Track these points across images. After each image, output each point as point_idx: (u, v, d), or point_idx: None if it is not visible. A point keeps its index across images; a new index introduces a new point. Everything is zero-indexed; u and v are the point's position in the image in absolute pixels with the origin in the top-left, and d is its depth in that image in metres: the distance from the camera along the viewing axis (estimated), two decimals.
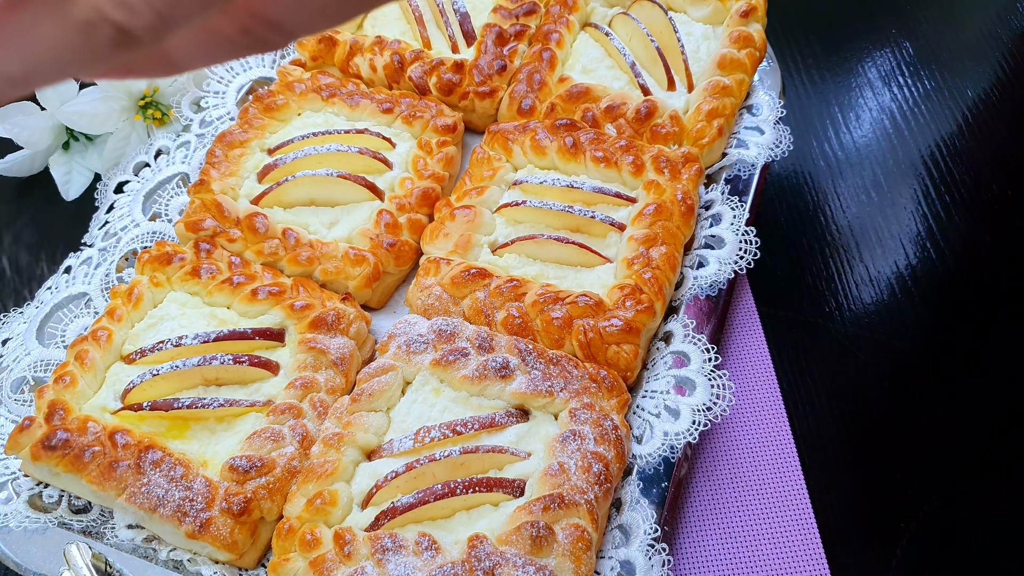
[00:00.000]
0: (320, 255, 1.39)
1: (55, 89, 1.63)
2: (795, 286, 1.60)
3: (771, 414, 1.42)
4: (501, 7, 1.68)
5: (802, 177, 1.76)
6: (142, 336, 1.30)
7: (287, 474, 1.17)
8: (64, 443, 1.16)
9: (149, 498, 1.12)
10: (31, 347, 1.33)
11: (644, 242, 1.33)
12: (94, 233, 1.49)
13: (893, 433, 1.41)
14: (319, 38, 1.66)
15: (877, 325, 1.54)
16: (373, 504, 1.14)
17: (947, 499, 1.35)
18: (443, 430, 1.17)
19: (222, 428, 1.22)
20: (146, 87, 1.66)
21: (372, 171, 1.48)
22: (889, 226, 1.68)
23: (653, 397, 1.25)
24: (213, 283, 1.34)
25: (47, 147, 1.71)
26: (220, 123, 1.61)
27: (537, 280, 1.34)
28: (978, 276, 1.61)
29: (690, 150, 1.46)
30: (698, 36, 1.62)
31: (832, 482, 1.36)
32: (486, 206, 1.43)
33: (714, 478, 1.35)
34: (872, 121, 1.85)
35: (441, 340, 1.26)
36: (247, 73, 1.70)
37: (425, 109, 1.56)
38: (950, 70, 1.94)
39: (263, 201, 1.45)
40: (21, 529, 1.16)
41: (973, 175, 1.76)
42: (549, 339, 1.29)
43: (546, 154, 1.47)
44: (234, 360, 1.23)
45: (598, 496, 1.11)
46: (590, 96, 1.53)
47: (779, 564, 1.27)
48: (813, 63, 1.96)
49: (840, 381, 1.47)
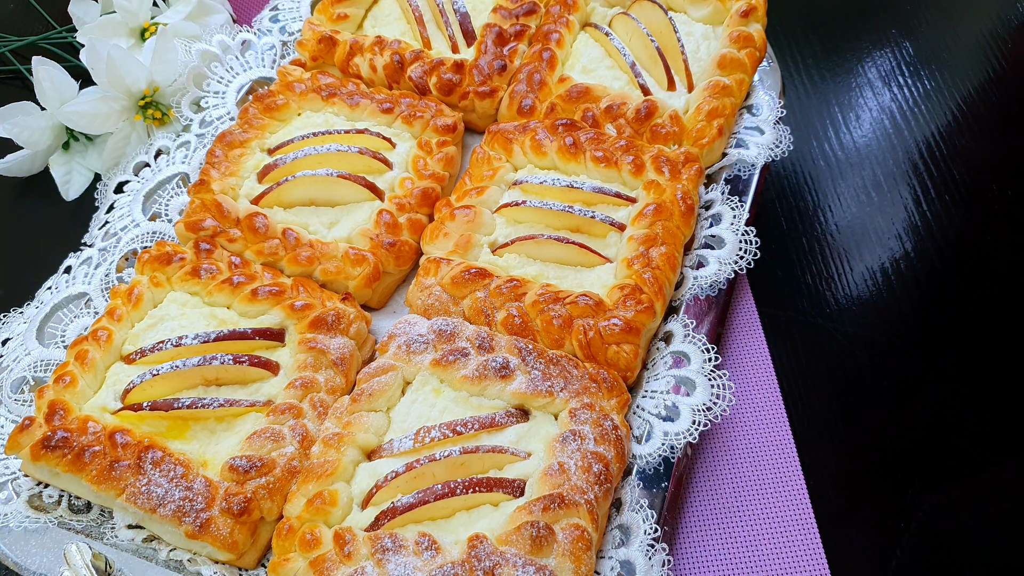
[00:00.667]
0: (320, 255, 1.39)
1: (55, 89, 1.63)
2: (795, 286, 1.60)
3: (771, 414, 1.42)
4: (501, 7, 1.68)
5: (802, 177, 1.76)
6: (142, 336, 1.30)
7: (287, 474, 1.17)
8: (64, 443, 1.16)
9: (149, 498, 1.12)
10: (31, 347, 1.33)
11: (644, 242, 1.33)
12: (94, 233, 1.50)
13: (893, 433, 1.42)
14: (319, 38, 1.66)
15: (877, 325, 1.54)
16: (373, 504, 1.14)
17: (947, 499, 1.35)
18: (443, 430, 1.17)
19: (222, 428, 1.22)
20: (146, 87, 1.66)
21: (372, 171, 1.48)
22: (889, 226, 1.68)
23: (653, 397, 1.25)
24: (213, 283, 1.34)
25: (47, 147, 1.71)
26: (220, 123, 1.61)
27: (537, 280, 1.34)
28: (978, 276, 1.61)
29: (690, 150, 1.46)
30: (698, 36, 1.62)
31: (832, 482, 1.36)
32: (486, 206, 1.43)
33: (714, 478, 1.35)
34: (872, 121, 1.85)
35: (441, 340, 1.26)
36: (247, 73, 1.70)
37: (425, 109, 1.56)
38: (950, 70, 1.94)
39: (263, 201, 1.45)
40: (21, 529, 1.16)
41: (973, 175, 1.76)
42: (549, 339, 1.29)
43: (546, 154, 1.47)
44: (234, 360, 1.24)
45: (598, 496, 1.11)
46: (590, 96, 1.53)
47: (779, 564, 1.27)
48: (813, 63, 1.96)
49: (840, 381, 1.47)
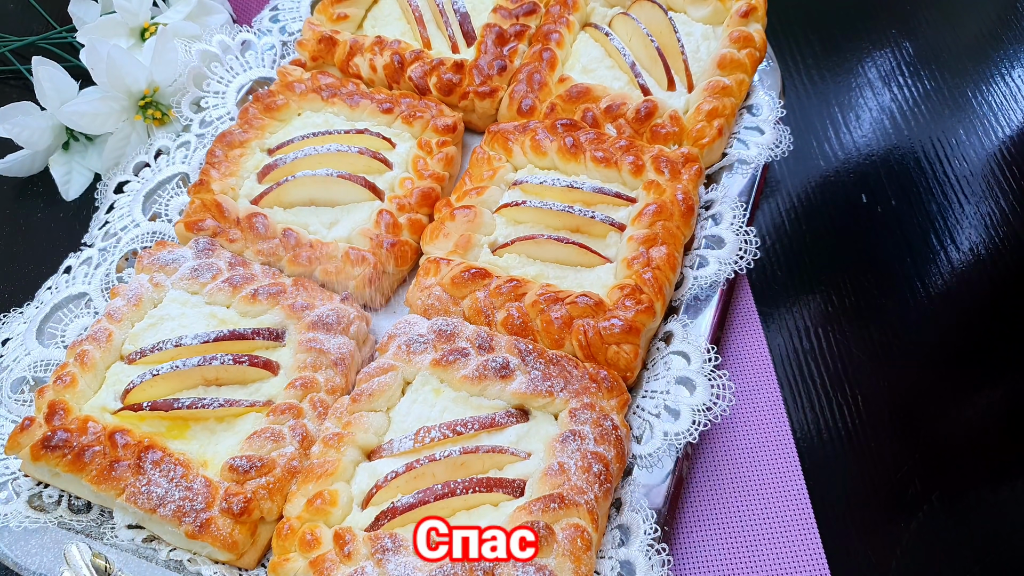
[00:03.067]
0: (320, 255, 1.39)
1: (55, 89, 1.63)
2: (795, 286, 1.60)
3: (771, 414, 1.42)
4: (501, 7, 1.68)
5: (802, 177, 1.76)
6: (142, 336, 1.30)
7: (287, 474, 1.17)
8: (64, 443, 1.16)
9: (149, 498, 1.12)
10: (31, 347, 1.33)
11: (644, 242, 1.33)
12: (94, 233, 1.49)
13: (893, 433, 1.42)
14: (319, 38, 1.66)
15: (877, 325, 1.54)
16: (373, 504, 1.14)
17: (947, 499, 1.35)
18: (443, 430, 1.17)
19: (222, 428, 1.22)
20: (146, 87, 1.66)
21: (372, 171, 1.48)
22: (889, 226, 1.68)
23: (653, 397, 1.25)
24: (213, 283, 1.34)
25: (47, 147, 1.71)
26: (220, 123, 1.61)
27: (537, 280, 1.34)
28: (979, 276, 1.61)
29: (690, 150, 1.46)
30: (698, 36, 1.62)
31: (832, 482, 1.36)
32: (486, 206, 1.43)
33: (714, 478, 1.35)
34: (872, 121, 1.85)
35: (441, 340, 1.26)
36: (247, 73, 1.70)
37: (425, 109, 1.56)
38: (950, 70, 1.94)
39: (263, 201, 1.45)
40: (21, 529, 1.16)
41: (973, 175, 1.76)
42: (549, 339, 1.29)
43: (546, 154, 1.47)
44: (234, 360, 1.24)
45: (598, 496, 1.11)
46: (590, 96, 1.53)
47: (779, 564, 1.27)
48: (813, 63, 1.96)
49: (840, 381, 1.47)
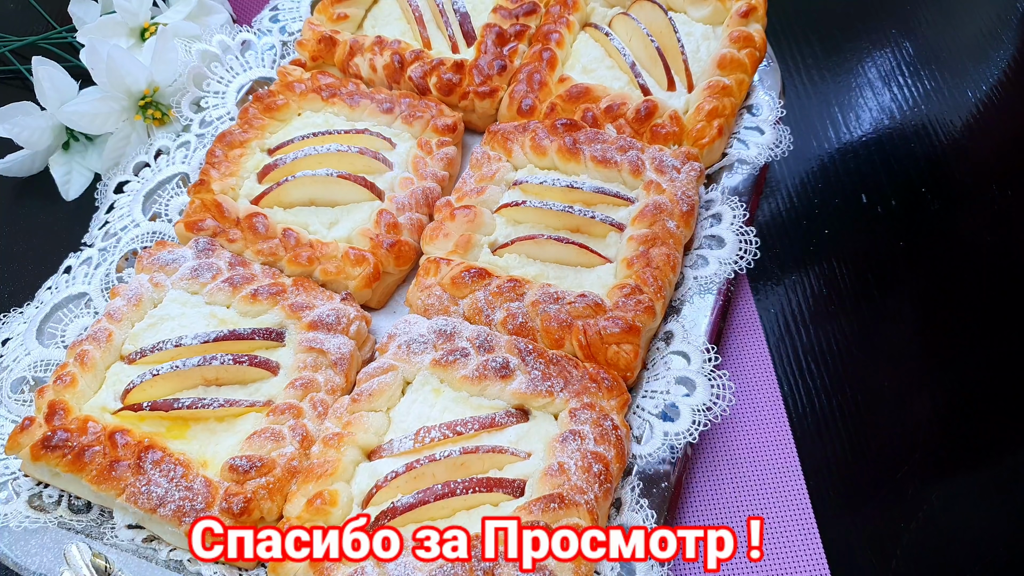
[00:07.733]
0: (320, 255, 1.39)
1: (55, 89, 1.63)
2: (795, 286, 1.60)
3: (771, 414, 1.42)
4: (501, 7, 1.68)
5: (802, 177, 1.76)
6: (142, 336, 1.30)
7: (287, 474, 1.17)
8: (64, 443, 1.16)
9: (149, 498, 1.12)
10: (31, 347, 1.33)
11: (644, 242, 1.33)
12: (94, 233, 1.49)
13: (893, 433, 1.42)
14: (319, 38, 1.66)
15: (877, 325, 1.54)
16: (373, 504, 1.14)
17: (948, 499, 1.35)
18: (443, 430, 1.17)
19: (222, 428, 1.22)
20: (146, 87, 1.66)
21: (372, 171, 1.48)
22: (889, 226, 1.68)
23: (653, 397, 1.25)
24: (213, 283, 1.34)
25: (47, 147, 1.71)
26: (220, 123, 1.61)
27: (537, 280, 1.34)
28: (979, 276, 1.61)
29: (690, 150, 1.46)
30: (698, 36, 1.62)
31: (832, 482, 1.36)
32: (486, 206, 1.43)
33: (714, 478, 1.35)
34: (872, 121, 1.85)
35: (441, 340, 1.26)
36: (247, 73, 1.70)
37: (425, 109, 1.56)
38: (950, 70, 1.94)
39: (263, 201, 1.45)
40: (21, 529, 1.16)
41: (973, 175, 1.76)
42: (549, 339, 1.29)
43: (546, 154, 1.47)
44: (234, 360, 1.24)
45: (598, 496, 1.11)
46: (590, 96, 1.53)
47: (779, 564, 1.27)
48: (813, 63, 1.96)
49: (840, 381, 1.47)
